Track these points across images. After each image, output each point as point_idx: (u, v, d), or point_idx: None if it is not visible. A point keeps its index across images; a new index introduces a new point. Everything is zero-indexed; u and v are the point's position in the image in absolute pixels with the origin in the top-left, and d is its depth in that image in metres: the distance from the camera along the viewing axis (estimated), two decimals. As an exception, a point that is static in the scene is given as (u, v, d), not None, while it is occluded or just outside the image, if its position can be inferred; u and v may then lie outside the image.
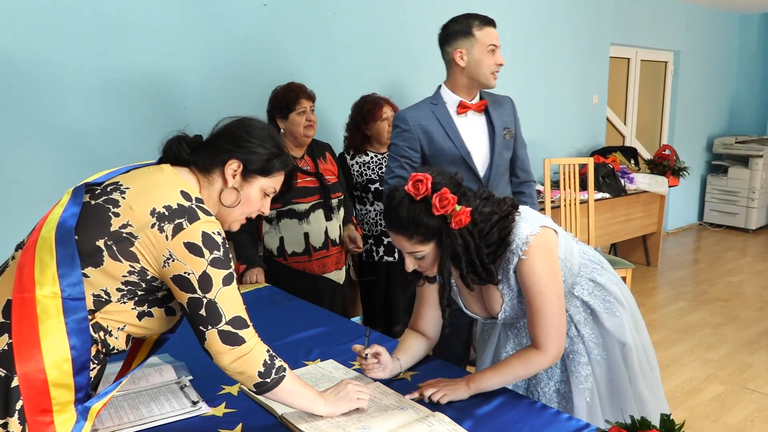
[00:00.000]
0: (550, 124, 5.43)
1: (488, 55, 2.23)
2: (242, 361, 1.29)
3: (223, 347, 1.27)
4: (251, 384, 1.31)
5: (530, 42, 5.05)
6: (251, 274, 2.55)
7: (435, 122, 2.22)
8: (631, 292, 1.85)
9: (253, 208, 1.41)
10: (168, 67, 3.12)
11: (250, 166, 1.35)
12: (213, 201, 1.36)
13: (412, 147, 2.22)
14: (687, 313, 4.47)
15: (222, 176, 1.35)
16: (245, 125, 1.39)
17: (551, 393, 1.71)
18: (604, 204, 4.75)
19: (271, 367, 1.32)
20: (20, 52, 2.72)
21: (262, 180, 1.38)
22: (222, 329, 1.26)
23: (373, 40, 4.02)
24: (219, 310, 1.26)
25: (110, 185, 1.30)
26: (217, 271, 1.25)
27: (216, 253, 1.25)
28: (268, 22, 3.49)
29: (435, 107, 2.24)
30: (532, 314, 1.52)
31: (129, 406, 1.48)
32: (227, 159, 1.34)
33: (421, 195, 1.40)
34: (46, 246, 1.22)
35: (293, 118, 2.64)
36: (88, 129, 2.91)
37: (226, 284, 1.26)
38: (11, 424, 1.17)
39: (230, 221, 1.40)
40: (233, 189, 1.36)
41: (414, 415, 1.43)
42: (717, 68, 7.14)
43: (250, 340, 1.30)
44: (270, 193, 1.42)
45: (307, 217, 2.66)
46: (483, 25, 2.23)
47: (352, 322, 2.14)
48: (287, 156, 1.42)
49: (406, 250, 1.47)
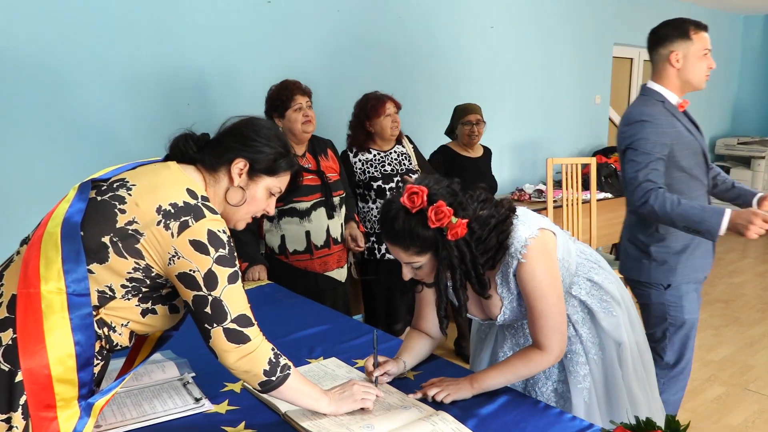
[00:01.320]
0: (553, 124, 5.43)
1: (703, 59, 2.25)
2: (248, 359, 1.29)
3: (229, 345, 1.27)
4: (256, 382, 1.31)
5: (533, 42, 5.04)
6: (253, 272, 2.55)
7: (670, 116, 2.19)
8: (627, 291, 1.85)
9: (258, 208, 1.41)
10: (170, 65, 3.12)
11: (257, 165, 1.36)
12: (219, 199, 1.36)
13: (663, 141, 2.14)
14: (688, 313, 4.46)
15: (228, 175, 1.35)
16: (253, 124, 1.39)
17: (549, 393, 1.71)
18: (606, 204, 4.74)
19: (276, 366, 1.32)
20: (21, 50, 2.72)
21: (268, 179, 1.38)
22: (227, 327, 1.26)
23: (376, 39, 4.01)
24: (224, 308, 1.25)
25: (116, 182, 1.30)
26: (223, 269, 1.25)
27: (221, 251, 1.25)
28: (272, 19, 3.48)
29: (663, 103, 2.21)
30: (533, 317, 1.52)
31: (132, 403, 1.48)
32: (234, 158, 1.34)
33: (417, 208, 1.39)
34: (52, 241, 1.21)
35: (290, 116, 2.63)
36: (91, 127, 2.91)
37: (231, 282, 1.26)
38: (15, 419, 1.17)
39: (235, 220, 1.40)
40: (239, 188, 1.36)
41: (417, 414, 1.42)
42: (720, 69, 7.09)
43: (255, 338, 1.30)
44: (276, 193, 1.42)
45: (308, 216, 2.65)
46: (698, 30, 2.25)
47: (354, 320, 2.14)
48: (293, 156, 1.43)
49: (402, 261, 1.47)
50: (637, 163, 2.12)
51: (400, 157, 3.12)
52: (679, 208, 2.02)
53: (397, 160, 3.10)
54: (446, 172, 3.50)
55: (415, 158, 3.19)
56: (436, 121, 4.18)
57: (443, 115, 3.85)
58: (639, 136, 2.14)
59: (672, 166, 2.16)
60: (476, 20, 4.60)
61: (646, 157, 2.11)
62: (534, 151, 5.31)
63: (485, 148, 3.70)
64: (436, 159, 3.56)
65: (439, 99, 4.32)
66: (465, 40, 4.54)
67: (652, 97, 2.24)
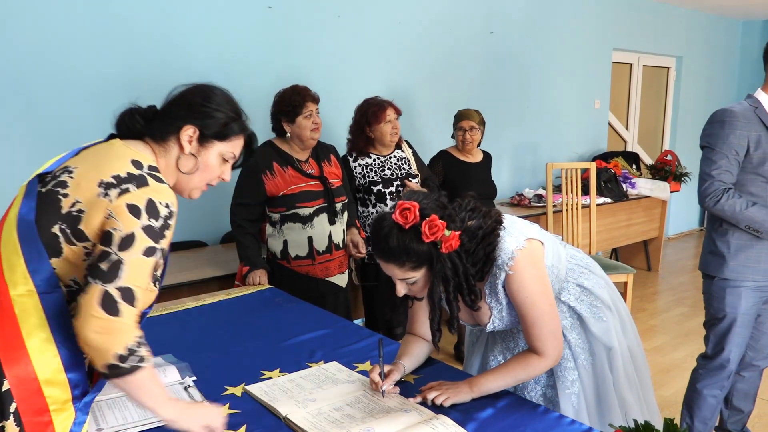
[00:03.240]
0: (553, 129, 5.44)
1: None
2: (106, 335, 1.14)
3: (97, 310, 1.13)
4: (104, 363, 1.15)
5: (533, 47, 5.06)
6: (254, 276, 2.56)
7: (757, 123, 2.21)
8: (620, 295, 1.86)
9: (212, 175, 1.37)
10: (171, 68, 3.13)
11: (207, 131, 1.32)
12: (171, 169, 1.33)
13: (741, 143, 2.19)
14: (688, 318, 4.47)
15: (178, 143, 1.32)
16: (200, 90, 1.36)
17: (538, 397, 1.72)
18: (605, 209, 4.75)
19: (133, 353, 1.17)
20: (17, 50, 2.73)
21: (219, 145, 1.35)
22: (107, 290, 1.14)
23: (377, 43, 4.03)
24: (119, 272, 1.15)
25: (60, 170, 1.26)
26: (145, 238, 1.17)
27: (153, 221, 1.18)
28: (273, 24, 3.50)
29: (755, 109, 2.23)
30: (527, 325, 1.53)
31: (133, 406, 1.49)
32: (182, 125, 1.31)
33: (410, 223, 1.39)
34: (11, 245, 1.19)
35: (300, 122, 2.64)
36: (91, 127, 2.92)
37: (146, 255, 1.17)
38: (8, 428, 1.15)
39: (190, 188, 1.37)
40: (190, 155, 1.32)
41: (417, 417, 1.43)
42: (719, 74, 7.15)
43: (127, 319, 1.16)
44: (229, 159, 1.38)
45: (311, 221, 2.66)
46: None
47: (354, 324, 2.14)
48: (245, 120, 1.40)
49: (397, 278, 1.48)
50: (712, 162, 2.21)
51: (400, 161, 3.13)
52: (747, 211, 2.15)
53: (397, 165, 3.12)
54: (445, 177, 3.52)
55: (415, 162, 3.21)
56: (438, 125, 4.20)
57: (446, 120, 3.86)
58: (717, 136, 2.22)
59: (750, 169, 2.21)
60: (475, 26, 4.62)
61: (720, 156, 2.19)
62: (534, 155, 5.32)
63: (485, 153, 3.71)
64: (436, 164, 3.57)
65: (442, 104, 4.34)
66: (464, 45, 4.56)
67: (747, 101, 2.28)
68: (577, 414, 1.66)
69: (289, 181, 2.63)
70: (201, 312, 2.21)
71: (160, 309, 2.23)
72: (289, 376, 1.68)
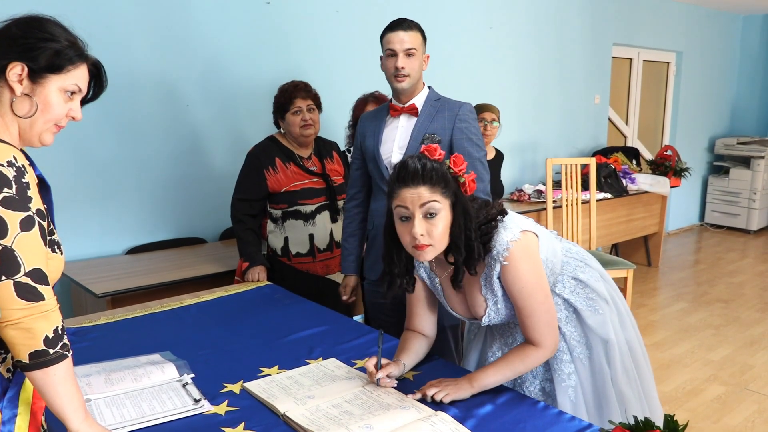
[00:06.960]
0: (552, 124, 5.43)
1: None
2: (34, 318, 1.07)
3: (19, 302, 1.06)
4: (28, 351, 1.07)
5: (533, 42, 5.04)
6: (253, 272, 2.55)
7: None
8: (618, 289, 1.84)
9: (58, 113, 1.20)
10: (169, 65, 3.12)
11: (35, 65, 1.15)
12: (8, 118, 1.17)
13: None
14: (688, 313, 4.47)
15: (7, 85, 1.15)
16: (21, 22, 1.19)
17: (536, 392, 1.72)
18: (605, 204, 4.75)
19: (60, 339, 1.10)
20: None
21: (56, 78, 1.18)
22: (19, 281, 1.06)
23: (376, 39, 4.01)
24: (17, 259, 1.06)
25: None
26: (12, 213, 1.06)
27: (7, 191, 1.06)
28: (271, 20, 3.49)
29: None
30: (523, 316, 1.53)
31: (131, 404, 1.48)
32: (6, 64, 1.14)
33: (436, 159, 1.48)
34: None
35: (288, 118, 2.61)
36: (90, 128, 2.91)
37: (25, 229, 1.07)
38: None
39: (36, 134, 1.20)
40: (24, 96, 1.16)
41: (416, 414, 1.42)
42: (719, 69, 7.13)
43: (49, 298, 1.09)
44: (75, 92, 1.22)
45: (312, 219, 2.65)
46: None
47: (353, 321, 2.14)
48: (83, 47, 1.25)
49: (423, 201, 1.43)
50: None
51: (400, 157, 3.12)
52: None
53: (397, 161, 3.10)
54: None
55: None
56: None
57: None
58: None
59: None
60: (475, 21, 4.60)
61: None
62: (533, 151, 5.31)
63: (498, 152, 3.69)
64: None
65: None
66: (463, 41, 4.54)
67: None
68: (576, 408, 1.66)
69: (291, 178, 2.62)
70: (199, 309, 2.20)
71: (158, 306, 2.22)
72: (288, 373, 1.67)
